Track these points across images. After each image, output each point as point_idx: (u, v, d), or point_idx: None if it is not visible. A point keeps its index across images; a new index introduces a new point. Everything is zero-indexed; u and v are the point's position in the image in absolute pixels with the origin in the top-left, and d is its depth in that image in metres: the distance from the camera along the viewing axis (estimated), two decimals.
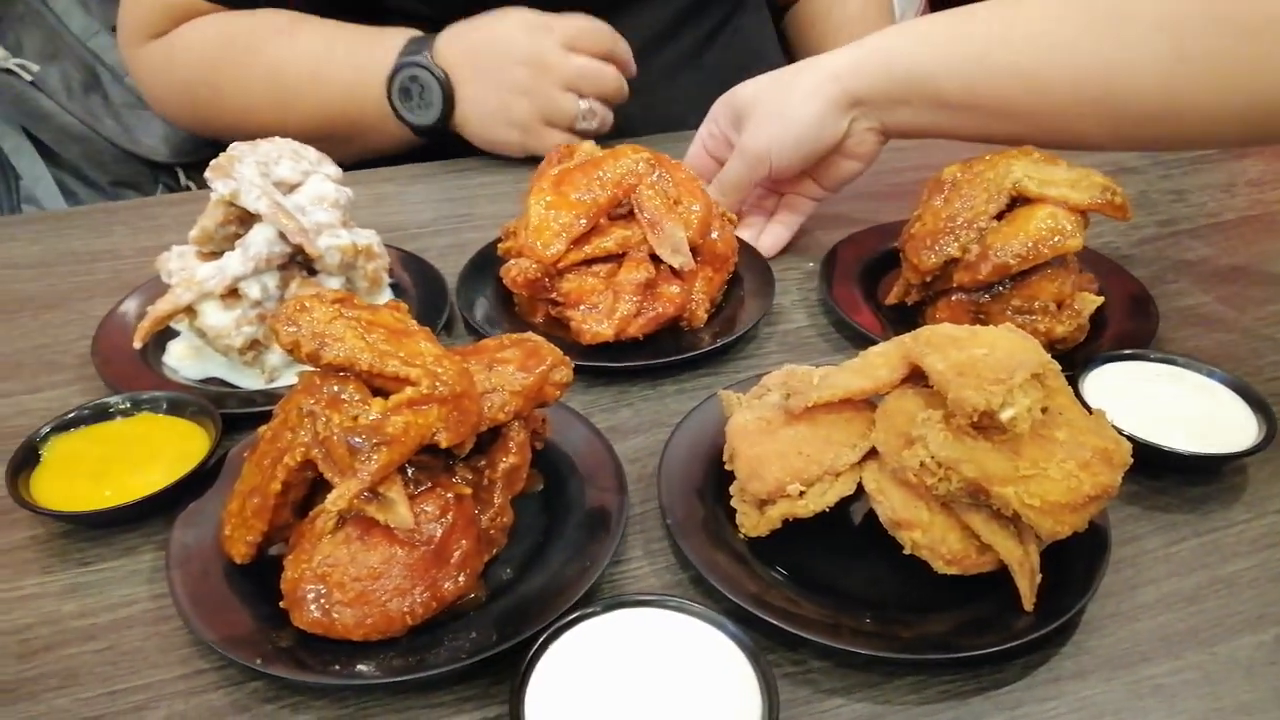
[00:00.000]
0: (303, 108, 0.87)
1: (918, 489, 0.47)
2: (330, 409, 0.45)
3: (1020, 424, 0.43)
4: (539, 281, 0.65)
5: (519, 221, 0.68)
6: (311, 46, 0.88)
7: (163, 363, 0.63)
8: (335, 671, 0.43)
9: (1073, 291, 0.63)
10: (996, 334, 0.48)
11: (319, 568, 0.45)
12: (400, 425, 0.44)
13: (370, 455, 0.43)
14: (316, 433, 0.45)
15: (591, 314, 0.64)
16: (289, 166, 0.62)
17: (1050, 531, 0.45)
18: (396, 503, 0.43)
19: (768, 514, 0.49)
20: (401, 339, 0.47)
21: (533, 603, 0.47)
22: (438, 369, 0.46)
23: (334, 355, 0.45)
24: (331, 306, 0.46)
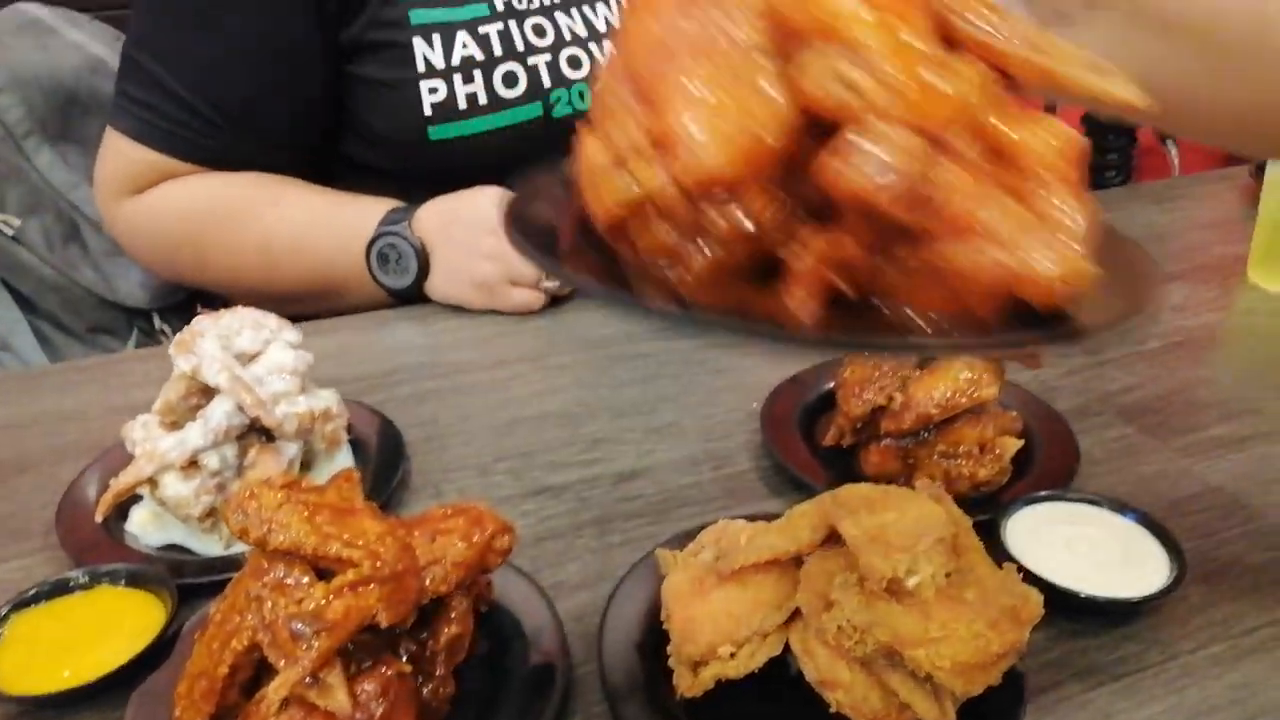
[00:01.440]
0: (288, 272, 0.92)
1: (839, 649, 0.49)
2: (276, 593, 0.47)
3: (924, 590, 0.46)
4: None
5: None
6: (298, 215, 0.95)
7: (125, 529, 0.65)
8: None
9: (995, 435, 0.66)
10: (907, 497, 0.51)
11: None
12: (341, 610, 0.46)
13: (311, 641, 0.45)
14: (263, 617, 0.47)
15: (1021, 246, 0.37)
16: (249, 337, 0.66)
17: (962, 690, 0.47)
18: (335, 689, 0.45)
19: (701, 675, 0.51)
20: (346, 519, 0.50)
21: None
22: (379, 549, 0.48)
23: (280, 541, 0.48)
24: (279, 492, 0.49)
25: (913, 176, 0.33)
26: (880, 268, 0.36)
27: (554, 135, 0.97)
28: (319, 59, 0.94)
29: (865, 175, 0.33)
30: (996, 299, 0.35)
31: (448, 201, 0.93)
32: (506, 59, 0.95)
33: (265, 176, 0.97)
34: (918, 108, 0.34)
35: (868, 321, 0.37)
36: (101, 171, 1.00)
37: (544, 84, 0.97)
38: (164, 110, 0.93)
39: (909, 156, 0.33)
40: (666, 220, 0.36)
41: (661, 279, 0.37)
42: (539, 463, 0.73)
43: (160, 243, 1.00)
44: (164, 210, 0.97)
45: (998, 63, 0.38)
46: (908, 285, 0.36)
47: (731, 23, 0.36)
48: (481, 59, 0.94)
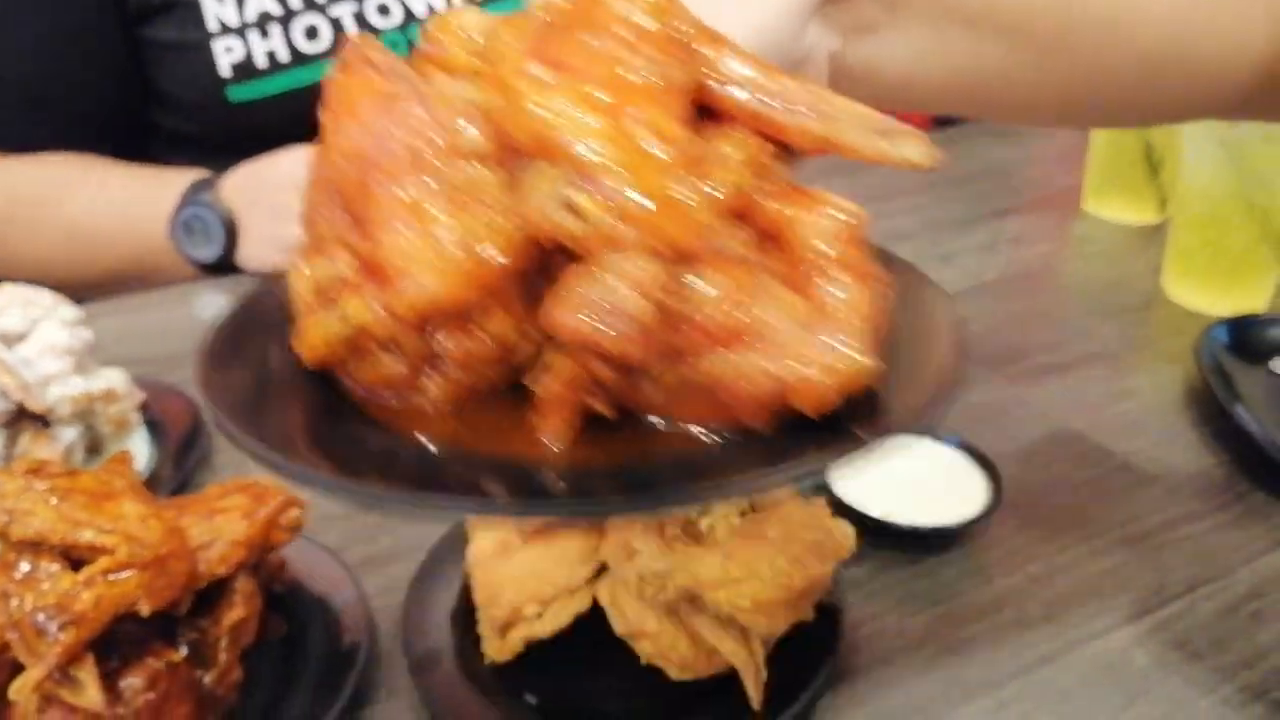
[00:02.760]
0: (97, 257, 0.86)
1: (645, 598, 0.47)
2: (22, 588, 0.43)
3: (718, 531, 0.45)
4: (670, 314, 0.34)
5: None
6: (101, 197, 0.88)
7: None
8: None
9: None
10: None
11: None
12: (90, 599, 0.42)
13: (57, 635, 0.41)
14: (10, 614, 0.43)
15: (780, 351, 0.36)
16: (17, 316, 0.60)
17: (767, 629, 0.46)
18: (86, 685, 0.41)
19: (509, 638, 0.49)
20: (102, 503, 0.46)
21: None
22: (138, 532, 0.44)
23: (23, 532, 0.43)
24: (21, 479, 0.45)
25: (644, 313, 0.30)
26: (638, 386, 0.33)
27: None
28: (108, 26, 0.88)
29: (585, 323, 0.29)
30: (770, 410, 0.32)
31: (251, 166, 0.87)
32: (307, 10, 0.90)
33: (67, 159, 0.91)
34: (657, 230, 0.30)
35: (637, 444, 0.33)
36: None
37: (350, 33, 0.92)
38: None
39: (640, 292, 0.29)
40: (391, 352, 0.33)
41: (391, 410, 0.34)
42: None
43: None
44: None
45: (772, 133, 0.36)
46: (670, 402, 0.33)
47: (441, 128, 0.32)
48: (279, 13, 0.88)
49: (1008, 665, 0.51)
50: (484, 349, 0.33)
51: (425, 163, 0.32)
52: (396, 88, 0.34)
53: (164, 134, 0.97)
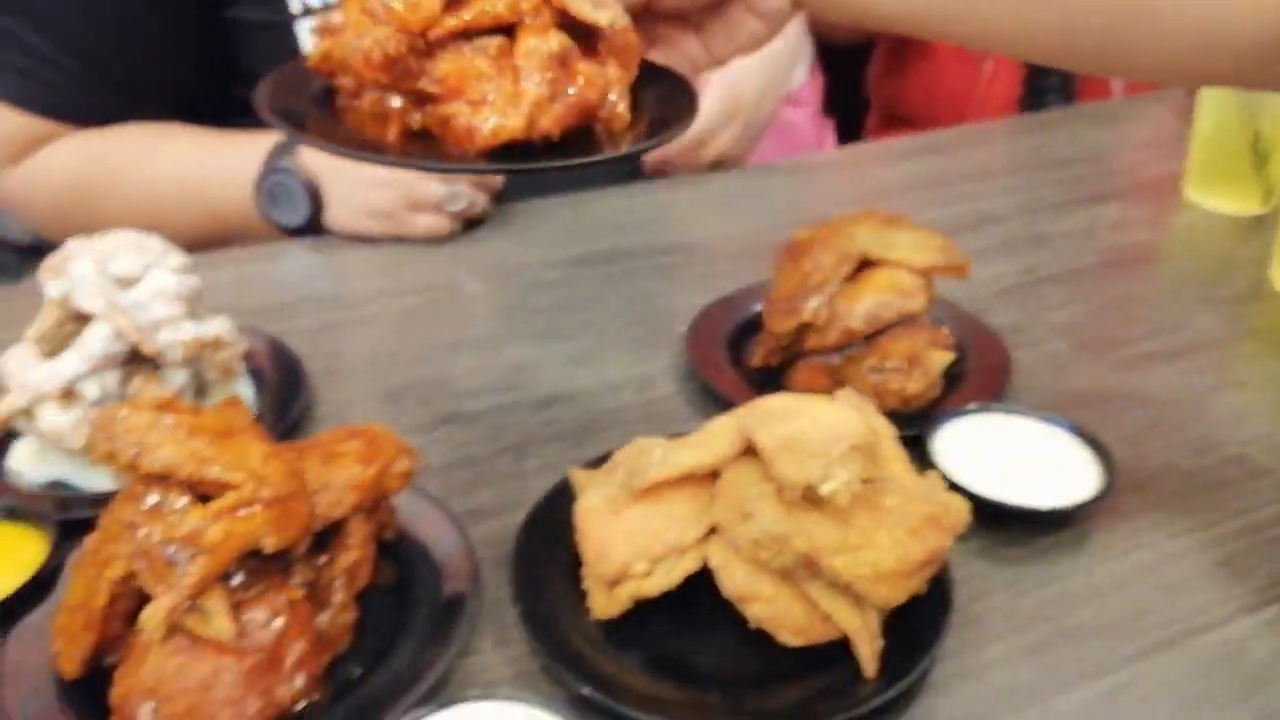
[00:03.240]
0: (179, 222, 0.87)
1: (759, 562, 0.47)
2: (150, 520, 0.44)
3: (840, 497, 0.44)
4: (401, 62, 0.46)
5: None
6: (179, 161, 0.89)
7: (5, 466, 0.60)
8: None
9: (924, 349, 0.64)
10: (821, 406, 0.49)
11: (148, 681, 0.43)
12: (220, 533, 0.43)
13: (187, 567, 0.42)
14: (138, 544, 0.43)
15: (485, 105, 0.46)
16: (130, 260, 0.61)
17: (884, 599, 0.46)
18: (215, 614, 0.42)
19: (616, 594, 0.49)
20: (227, 441, 0.46)
21: (375, 701, 0.46)
22: (263, 471, 0.45)
23: (152, 465, 0.44)
24: (149, 413, 0.45)
25: (373, 52, 0.46)
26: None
27: None
28: (189, 4, 0.89)
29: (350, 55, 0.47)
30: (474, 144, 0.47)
31: None
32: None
33: (143, 127, 0.92)
34: (396, 17, 0.46)
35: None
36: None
37: None
38: (30, 70, 0.88)
39: (374, 42, 0.46)
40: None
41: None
42: (452, 390, 0.70)
43: (50, 210, 0.95)
44: (47, 177, 0.92)
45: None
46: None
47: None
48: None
49: (1121, 651, 0.50)
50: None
51: None
52: None
53: (241, 108, 0.97)
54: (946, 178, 1.02)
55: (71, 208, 0.92)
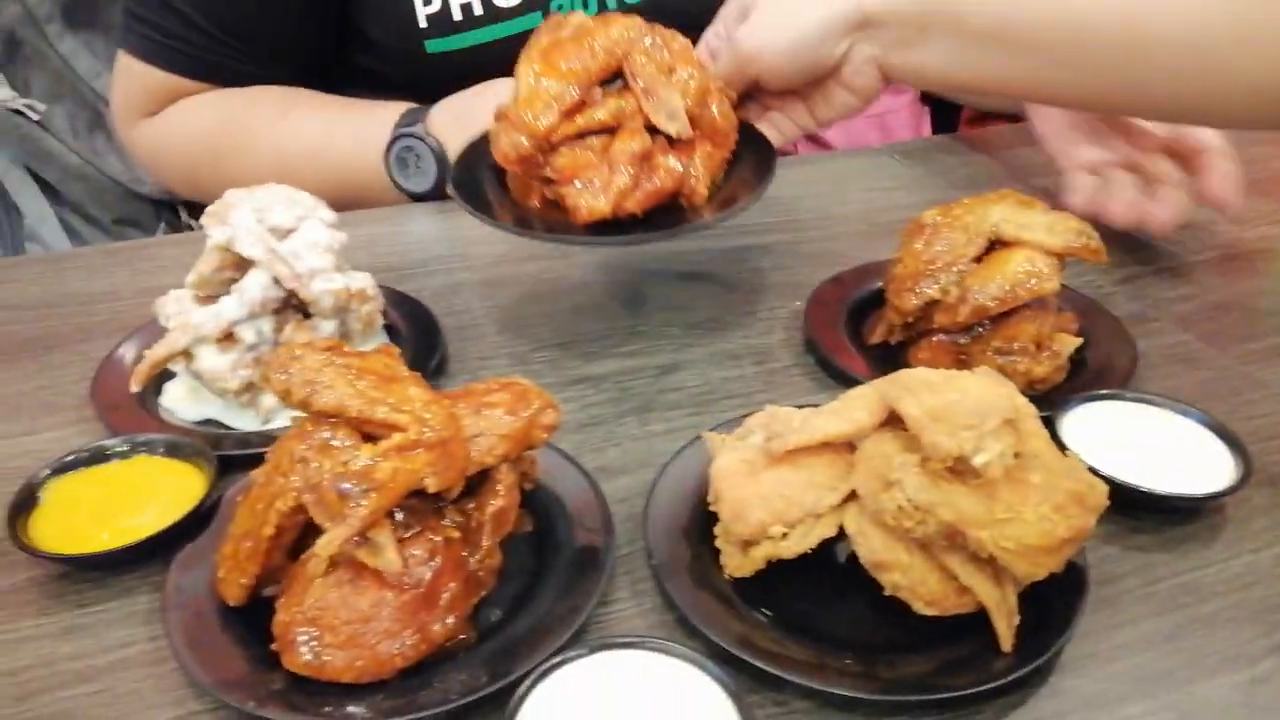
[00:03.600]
0: (306, 182, 0.89)
1: (897, 531, 0.48)
2: (320, 455, 0.46)
3: (992, 469, 0.44)
4: (531, 158, 0.63)
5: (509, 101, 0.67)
6: (311, 126, 0.92)
7: (159, 404, 0.64)
8: (327, 714, 0.44)
9: (1052, 332, 0.64)
10: (970, 379, 0.49)
11: (310, 611, 0.46)
12: (389, 471, 0.45)
13: (359, 500, 0.44)
14: (308, 478, 0.46)
15: (587, 189, 0.62)
16: (284, 212, 0.63)
17: (1027, 573, 0.46)
18: (385, 547, 0.44)
19: (751, 555, 0.50)
20: (391, 385, 0.48)
21: (521, 643, 0.47)
22: (426, 415, 0.47)
23: (324, 402, 0.46)
24: (323, 354, 0.48)
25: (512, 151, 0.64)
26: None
27: None
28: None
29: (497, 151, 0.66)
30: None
31: (461, 99, 0.89)
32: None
33: (276, 90, 0.95)
34: (521, 124, 0.64)
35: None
36: (115, 95, 0.98)
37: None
38: (169, 28, 0.91)
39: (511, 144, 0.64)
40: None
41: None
42: (577, 353, 0.72)
43: (178, 164, 0.98)
44: (178, 131, 0.95)
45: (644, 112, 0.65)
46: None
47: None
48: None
49: (1260, 642, 0.50)
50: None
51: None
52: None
53: (362, 74, 0.99)
54: (1055, 167, 1.00)
55: (202, 164, 0.96)
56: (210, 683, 0.45)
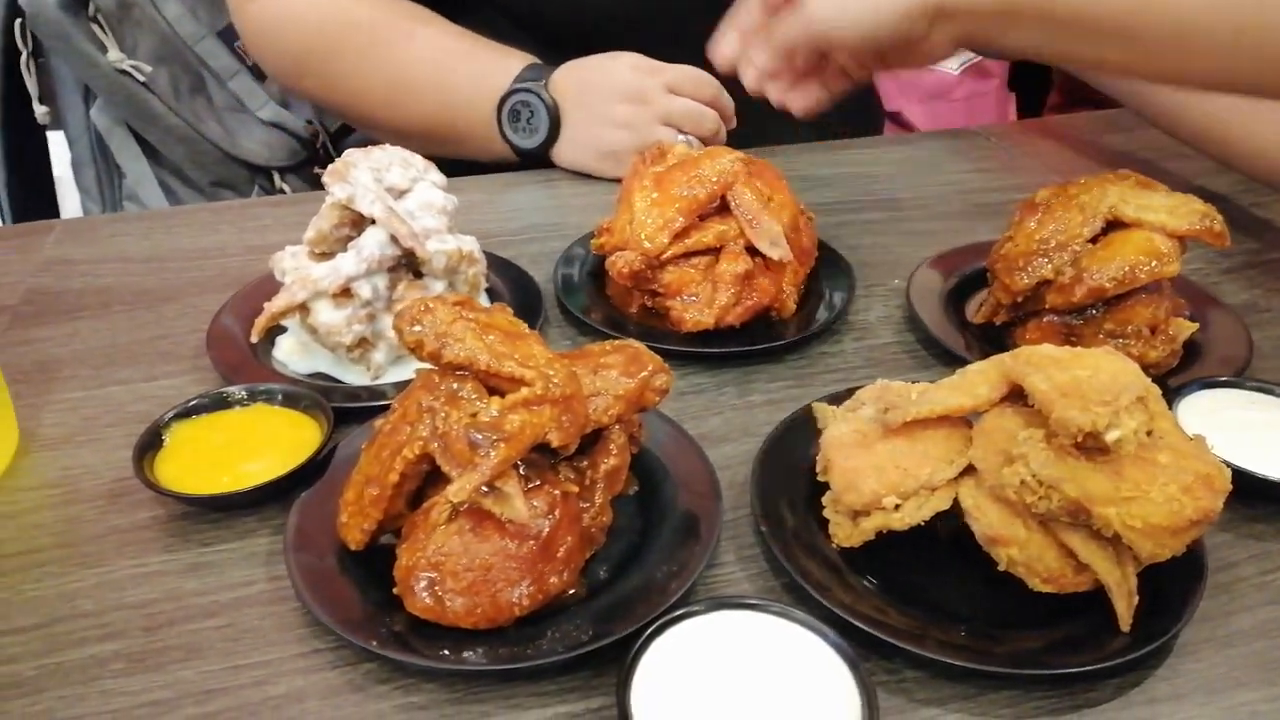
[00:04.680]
0: (415, 109, 0.89)
1: (1015, 506, 0.47)
2: (449, 405, 0.47)
3: (1126, 445, 0.44)
4: (642, 273, 0.68)
5: (616, 219, 0.72)
6: (433, 53, 0.91)
7: (272, 357, 0.66)
8: (446, 657, 0.45)
9: (1167, 317, 0.63)
10: (1098, 356, 0.49)
11: (433, 557, 0.46)
12: (517, 423, 0.45)
13: (489, 450, 0.45)
14: (435, 428, 0.47)
15: (692, 304, 0.68)
16: (399, 173, 0.64)
17: (1151, 554, 0.45)
18: (513, 497, 0.45)
19: (861, 525, 0.50)
20: (515, 341, 0.49)
21: (633, 600, 0.48)
22: (549, 371, 0.48)
23: (454, 355, 0.47)
24: (453, 308, 0.49)
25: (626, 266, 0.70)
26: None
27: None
28: None
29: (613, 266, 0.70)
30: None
31: (584, 67, 0.89)
32: None
33: (403, 4, 0.92)
34: (637, 241, 0.70)
35: None
36: None
37: None
38: None
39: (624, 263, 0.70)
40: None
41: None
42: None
43: (290, 50, 0.95)
44: (298, 14, 0.92)
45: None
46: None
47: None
48: None
49: None
50: None
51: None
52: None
53: (474, 7, 0.97)
54: (1156, 154, 0.98)
55: (313, 58, 0.93)
56: (334, 621, 0.46)
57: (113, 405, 0.63)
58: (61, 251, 0.80)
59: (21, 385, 0.63)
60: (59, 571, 0.52)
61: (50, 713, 0.45)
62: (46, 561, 0.52)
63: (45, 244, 0.81)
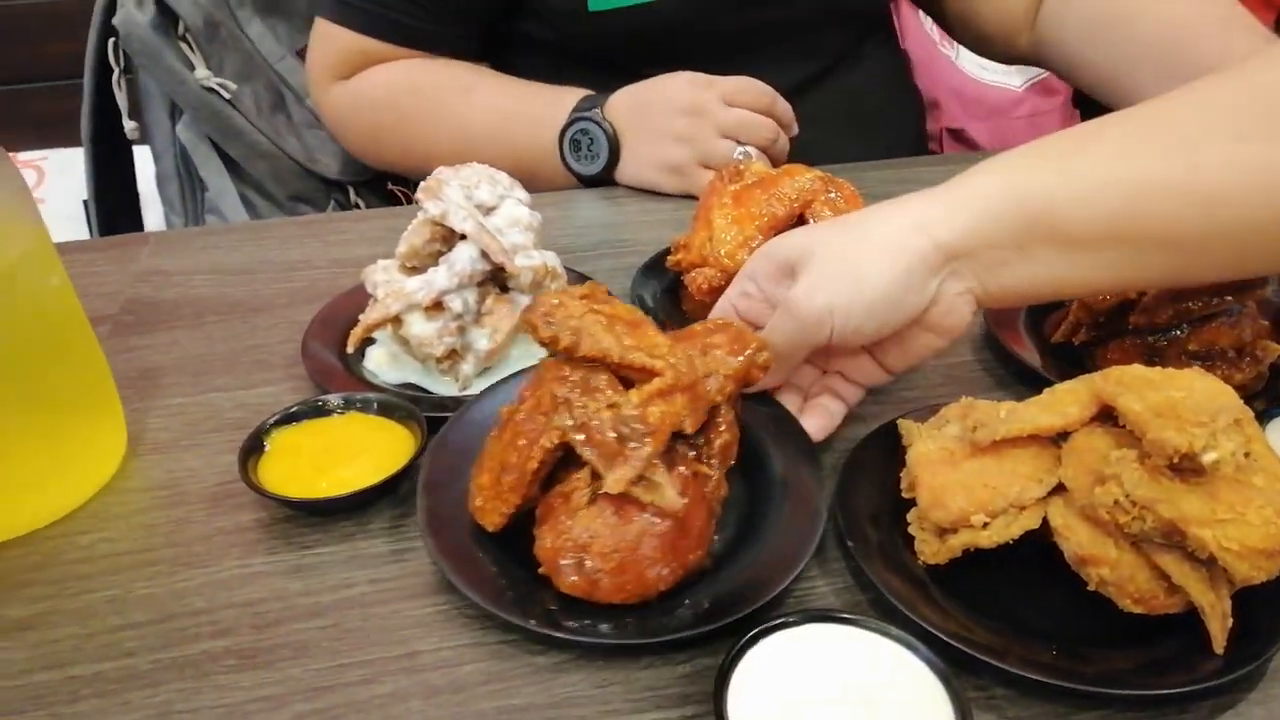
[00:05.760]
0: (484, 156, 0.93)
1: (1105, 526, 0.48)
2: (585, 397, 0.49)
3: (1224, 467, 0.44)
4: (722, 289, 0.69)
5: (693, 235, 0.73)
6: (494, 104, 0.97)
7: (364, 367, 0.68)
8: (597, 631, 0.47)
9: (1253, 339, 0.62)
10: (1191, 377, 0.49)
11: (580, 538, 0.48)
12: (658, 415, 0.48)
13: (640, 444, 0.47)
14: (575, 419, 0.49)
15: None
16: (487, 190, 0.67)
17: (1246, 576, 0.45)
18: (664, 486, 0.47)
19: (949, 542, 0.51)
20: (636, 331, 0.51)
21: (762, 568, 0.50)
22: (674, 359, 0.50)
23: (590, 348, 0.49)
24: (582, 302, 0.51)
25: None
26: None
27: (717, 4, 0.94)
28: None
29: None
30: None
31: (640, 89, 0.93)
32: None
33: (460, 65, 0.99)
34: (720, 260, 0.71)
35: None
36: (311, 59, 1.04)
37: None
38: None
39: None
40: None
41: None
42: None
43: (365, 127, 1.03)
44: (368, 95, 1.00)
45: None
46: None
47: None
48: None
49: None
50: None
51: None
52: None
53: (527, 41, 1.02)
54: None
55: (386, 129, 1.01)
56: (484, 599, 0.48)
57: (213, 411, 0.65)
58: (156, 263, 0.83)
59: (127, 391, 0.66)
60: (169, 570, 0.54)
61: (169, 705, 0.47)
62: (158, 560, 0.55)
63: (141, 255, 0.84)
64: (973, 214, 0.54)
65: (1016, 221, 0.53)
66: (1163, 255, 0.53)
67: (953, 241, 0.54)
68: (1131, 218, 0.52)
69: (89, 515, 0.58)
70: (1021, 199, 0.53)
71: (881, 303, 0.55)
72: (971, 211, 0.54)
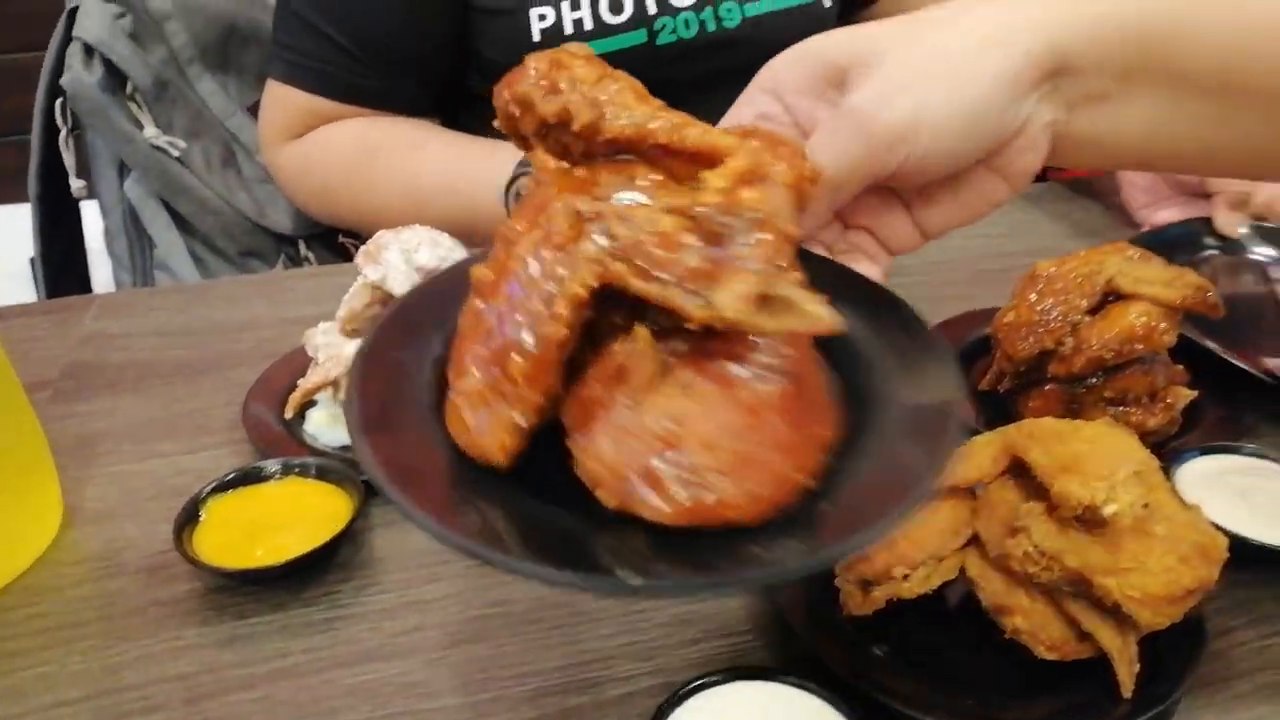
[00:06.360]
0: (431, 213, 0.95)
1: (1017, 576, 0.49)
2: (624, 209, 0.31)
3: (1122, 519, 0.46)
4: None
5: None
6: (442, 160, 0.98)
7: (304, 430, 0.68)
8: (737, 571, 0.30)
9: (1166, 385, 0.65)
10: (1098, 430, 0.51)
11: (661, 431, 0.30)
12: (759, 199, 0.31)
13: (749, 239, 0.30)
14: (617, 236, 0.30)
15: None
16: (428, 253, 0.68)
17: (1149, 622, 0.47)
18: (803, 300, 0.29)
19: (872, 595, 0.52)
20: (647, 100, 0.35)
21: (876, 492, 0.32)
22: (737, 139, 0.33)
23: (623, 125, 0.32)
24: (591, 62, 0.35)
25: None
26: None
27: (657, 63, 0.97)
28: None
29: None
30: None
31: None
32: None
33: (409, 123, 1.01)
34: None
35: None
36: (263, 120, 1.05)
37: (649, 10, 0.97)
38: (312, 51, 0.98)
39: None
40: None
41: None
42: None
43: (317, 186, 1.04)
44: (319, 155, 1.01)
45: None
46: None
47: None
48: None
49: None
50: None
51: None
52: None
53: (475, 97, 1.04)
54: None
55: (338, 188, 1.02)
56: (555, 568, 0.28)
57: (154, 478, 0.66)
58: (100, 326, 0.84)
59: (65, 459, 0.66)
60: (102, 645, 0.54)
61: None
62: (91, 635, 0.55)
63: (85, 318, 0.85)
64: (1095, 18, 0.44)
65: (1134, 40, 0.44)
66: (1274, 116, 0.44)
67: (1068, 47, 0.44)
68: (1263, 60, 0.43)
69: (22, 589, 0.57)
70: (1145, 20, 0.44)
71: (984, 115, 0.43)
72: (1096, 14, 0.44)
